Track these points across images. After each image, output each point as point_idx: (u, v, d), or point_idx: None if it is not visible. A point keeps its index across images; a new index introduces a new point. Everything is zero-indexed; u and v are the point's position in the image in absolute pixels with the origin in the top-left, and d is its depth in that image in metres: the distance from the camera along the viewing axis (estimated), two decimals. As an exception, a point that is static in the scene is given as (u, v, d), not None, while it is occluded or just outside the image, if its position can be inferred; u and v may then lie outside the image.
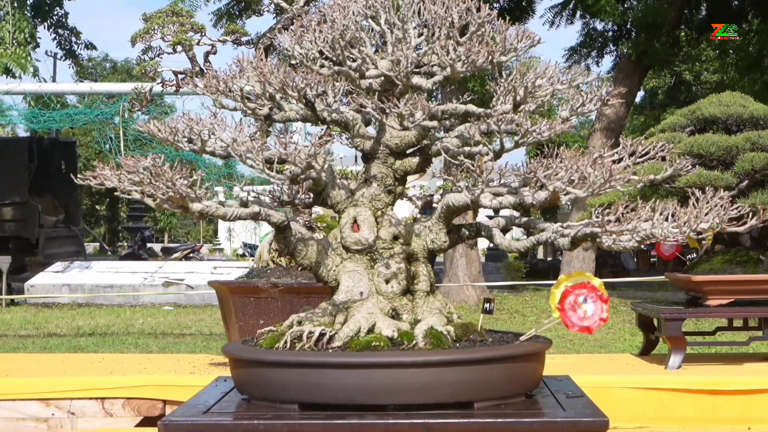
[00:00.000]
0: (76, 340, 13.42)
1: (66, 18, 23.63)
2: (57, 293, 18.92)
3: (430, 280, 4.07)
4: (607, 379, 6.10)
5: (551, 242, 3.88)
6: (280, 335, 3.93)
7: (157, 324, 15.48)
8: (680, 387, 6.04)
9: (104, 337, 13.84)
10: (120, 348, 12.48)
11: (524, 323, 15.75)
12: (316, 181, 3.91)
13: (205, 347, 12.32)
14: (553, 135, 3.61)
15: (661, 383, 6.07)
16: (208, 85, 3.81)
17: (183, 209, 3.78)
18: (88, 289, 19.06)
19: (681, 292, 6.99)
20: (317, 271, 4.05)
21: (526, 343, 3.90)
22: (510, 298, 19.25)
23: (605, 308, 3.89)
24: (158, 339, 13.58)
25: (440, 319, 3.94)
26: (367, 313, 3.89)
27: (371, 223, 4.00)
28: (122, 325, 15.33)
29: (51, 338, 13.67)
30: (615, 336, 13.30)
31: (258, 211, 3.86)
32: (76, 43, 23.90)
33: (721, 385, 5.98)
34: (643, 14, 19.44)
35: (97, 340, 13.42)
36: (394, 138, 3.98)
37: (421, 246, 4.05)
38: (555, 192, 3.55)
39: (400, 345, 3.79)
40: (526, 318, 16.60)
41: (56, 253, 22.89)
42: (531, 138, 3.64)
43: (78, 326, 15.14)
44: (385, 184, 4.04)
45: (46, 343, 13.02)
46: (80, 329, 14.77)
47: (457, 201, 3.87)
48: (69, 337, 13.72)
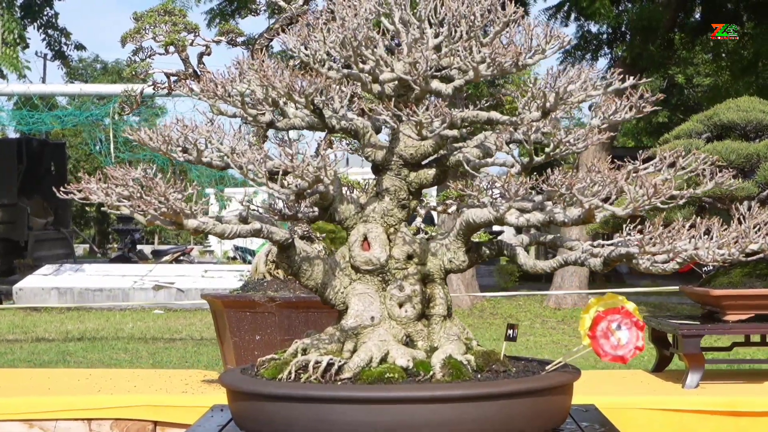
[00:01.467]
0: (65, 344, 13.09)
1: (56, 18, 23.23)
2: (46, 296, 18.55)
3: (447, 303, 3.68)
4: (624, 400, 5.72)
5: (581, 263, 3.50)
6: (283, 364, 3.54)
7: (147, 328, 15.19)
8: (701, 408, 5.67)
9: (93, 341, 13.50)
10: (109, 353, 12.15)
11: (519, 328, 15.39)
12: (324, 196, 3.51)
13: (195, 353, 12.01)
14: (590, 146, 3.22)
15: (681, 404, 5.71)
16: (205, 89, 3.40)
17: (177, 226, 3.38)
18: (78, 293, 18.70)
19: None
20: (324, 293, 3.65)
21: (553, 375, 3.51)
22: (503, 302, 18.91)
23: (641, 336, 3.50)
24: (148, 344, 13.27)
25: (459, 347, 3.55)
26: (379, 341, 3.50)
27: (383, 241, 3.61)
28: (111, 329, 15.03)
29: (39, 343, 13.33)
30: None
31: (259, 228, 3.46)
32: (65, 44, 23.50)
33: (744, 406, 5.62)
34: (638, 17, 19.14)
35: (86, 345, 13.09)
36: (409, 148, 3.59)
37: (437, 266, 3.66)
38: (590, 209, 3.16)
39: (416, 376, 3.41)
40: (520, 323, 16.27)
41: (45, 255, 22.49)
42: (564, 150, 3.25)
43: (67, 330, 14.84)
44: (398, 198, 3.64)
45: (34, 348, 12.67)
46: (69, 333, 14.46)
47: (479, 218, 3.48)
48: (57, 342, 13.40)
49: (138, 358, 11.79)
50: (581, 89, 3.31)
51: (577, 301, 18.38)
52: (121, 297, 18.47)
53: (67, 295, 18.68)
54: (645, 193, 3.05)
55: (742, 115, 6.36)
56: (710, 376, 6.15)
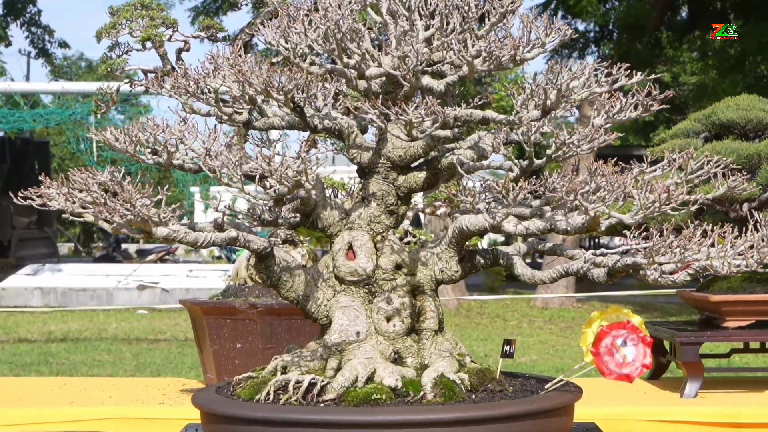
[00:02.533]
0: (47, 346, 12.87)
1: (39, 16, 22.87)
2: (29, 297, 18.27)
3: (438, 316, 3.38)
4: (620, 410, 5.43)
5: (583, 273, 3.21)
6: (261, 383, 3.24)
7: (131, 329, 14.97)
8: (700, 419, 5.38)
9: (76, 342, 13.30)
10: (92, 354, 11.92)
11: (505, 328, 15.23)
12: (305, 201, 3.21)
13: (180, 354, 11.75)
14: (595, 147, 2.93)
15: (679, 415, 5.41)
16: (177, 85, 3.09)
17: (145, 234, 3.08)
18: (61, 293, 18.43)
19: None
20: (305, 306, 3.35)
21: (554, 394, 3.22)
22: (490, 302, 18.66)
23: (648, 352, 3.22)
24: (132, 345, 13.07)
25: (451, 364, 3.26)
26: (365, 358, 3.21)
27: (369, 250, 3.31)
28: (95, 330, 14.81)
29: (21, 344, 13.11)
30: None
31: (236, 236, 3.16)
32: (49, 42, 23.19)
33: (746, 417, 5.33)
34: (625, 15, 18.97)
35: (68, 346, 12.87)
36: (397, 149, 3.29)
37: (428, 277, 3.37)
38: (595, 217, 2.87)
39: (405, 397, 3.13)
40: (507, 323, 16.08)
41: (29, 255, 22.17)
42: (567, 152, 2.96)
43: (50, 331, 14.63)
44: (385, 203, 3.35)
45: (16, 349, 12.44)
46: (52, 334, 14.25)
47: (474, 225, 3.19)
48: (40, 343, 13.20)
49: (121, 360, 11.59)
50: (584, 86, 3.02)
51: (564, 301, 18.13)
52: (105, 297, 18.21)
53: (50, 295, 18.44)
54: (656, 198, 2.75)
55: (742, 114, 6.07)
56: (709, 385, 5.86)
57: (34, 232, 23.33)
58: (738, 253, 2.97)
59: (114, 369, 10.75)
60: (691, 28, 20.53)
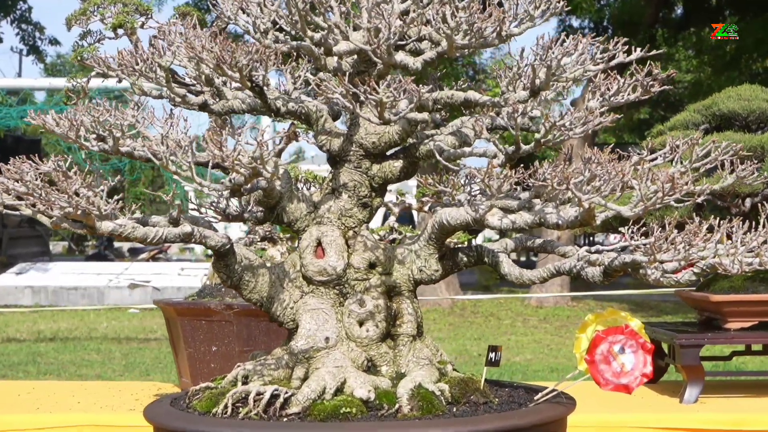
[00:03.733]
0: (36, 345, 12.53)
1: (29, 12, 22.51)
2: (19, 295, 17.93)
3: (417, 320, 3.03)
4: (617, 417, 5.08)
5: (576, 272, 2.86)
6: (220, 395, 2.89)
7: (122, 328, 14.65)
8: (701, 426, 5.03)
9: (65, 342, 12.96)
10: (81, 354, 11.59)
11: (499, 327, 14.89)
12: (268, 193, 2.85)
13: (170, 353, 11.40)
14: (589, 130, 2.58)
15: (680, 422, 5.07)
16: (123, 63, 2.74)
17: (88, 229, 2.72)
18: (52, 291, 18.08)
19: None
20: (270, 309, 3.01)
21: (544, 407, 2.87)
22: (484, 300, 18.31)
23: (648, 360, 2.87)
24: (122, 344, 12.75)
25: (431, 374, 2.91)
26: (334, 367, 2.86)
27: (340, 247, 2.97)
28: (85, 329, 14.48)
29: (9, 344, 12.74)
30: None
31: (190, 231, 2.80)
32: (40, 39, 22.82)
33: (749, 424, 4.98)
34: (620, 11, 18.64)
35: (57, 345, 12.55)
36: (371, 135, 2.94)
37: (405, 276, 3.01)
38: (590, 209, 2.52)
39: (379, 410, 2.78)
40: (501, 321, 15.73)
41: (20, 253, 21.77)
42: (558, 135, 2.60)
43: (39, 330, 14.31)
44: (358, 195, 3.00)
45: (4, 348, 12.10)
46: (41, 333, 13.92)
47: (455, 219, 2.83)
48: (29, 343, 12.88)
49: (110, 360, 11.25)
50: (577, 63, 2.66)
51: (559, 300, 17.78)
52: (96, 296, 17.88)
53: (40, 294, 18.10)
54: (659, 188, 2.40)
55: (744, 105, 5.72)
56: (709, 389, 5.51)
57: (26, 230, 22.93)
58: (748, 249, 2.63)
59: (103, 369, 10.46)
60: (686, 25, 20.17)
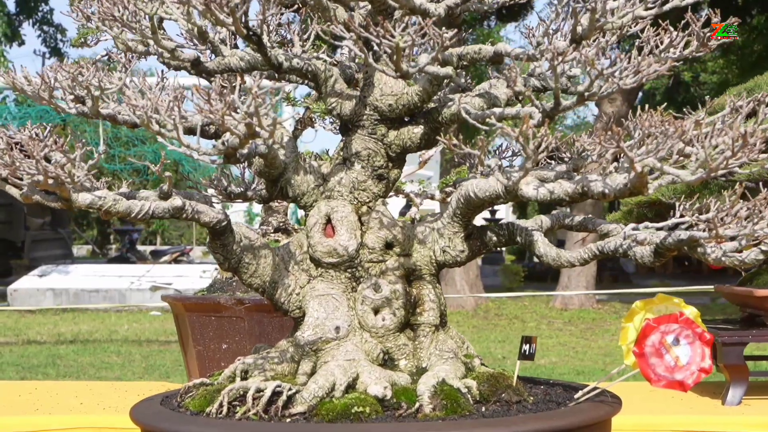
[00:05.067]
0: (56, 347, 12.23)
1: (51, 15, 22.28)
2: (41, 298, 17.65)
3: (439, 307, 2.63)
4: (656, 420, 4.68)
5: (623, 252, 2.45)
6: (215, 392, 2.50)
7: (143, 330, 14.39)
8: (745, 429, 4.65)
9: (85, 344, 12.66)
10: (101, 356, 11.30)
11: (524, 329, 14.48)
12: (269, 160, 2.46)
13: (188, 356, 11.13)
14: (645, 80, 2.18)
15: (724, 425, 4.68)
16: (103, 11, 2.36)
17: (63, 202, 2.34)
18: (73, 294, 17.79)
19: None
20: (273, 296, 2.62)
21: (587, 407, 2.46)
22: (508, 302, 17.90)
23: (707, 353, 2.46)
24: (142, 347, 12.44)
25: (456, 368, 2.51)
26: (345, 360, 2.47)
27: (352, 224, 2.58)
28: (106, 331, 14.24)
29: (30, 346, 12.47)
30: (619, 343, 12.14)
31: (182, 205, 2.42)
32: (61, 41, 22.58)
33: (796, 428, 4.58)
34: (645, 10, 18.09)
35: (77, 347, 12.25)
36: (387, 97, 2.55)
37: (426, 258, 2.62)
38: (643, 174, 2.11)
39: (396, 410, 2.37)
40: (526, 324, 15.31)
41: (43, 256, 21.49)
42: (605, 86, 2.20)
43: (60, 333, 14.07)
44: (372, 165, 2.61)
45: (24, 351, 11.82)
46: (61, 336, 13.67)
47: (483, 191, 2.44)
48: (49, 345, 12.58)
49: (130, 362, 10.97)
50: (627, 6, 2.26)
51: (584, 301, 17.33)
52: (118, 298, 17.58)
53: (62, 296, 17.82)
54: (728, 147, 1.99)
55: (788, 87, 5.30)
56: (754, 390, 5.10)
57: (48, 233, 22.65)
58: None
59: (122, 371, 10.24)
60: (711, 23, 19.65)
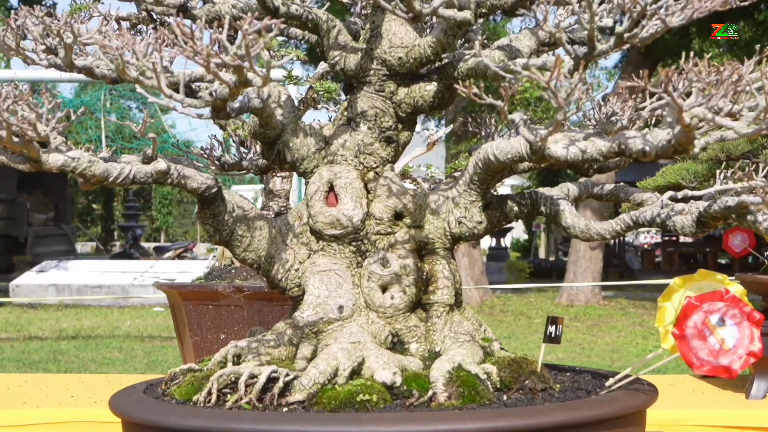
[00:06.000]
0: (58, 343, 12.08)
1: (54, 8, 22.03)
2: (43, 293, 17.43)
3: (454, 285, 2.34)
4: (677, 414, 4.37)
5: (661, 223, 2.16)
6: (204, 378, 2.21)
7: (145, 326, 14.22)
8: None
9: (87, 340, 12.47)
10: (103, 352, 11.16)
11: (530, 325, 14.21)
12: (264, 118, 2.17)
13: (194, 351, 10.94)
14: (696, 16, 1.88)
15: (748, 419, 4.38)
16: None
17: (32, 164, 2.06)
18: (76, 290, 17.58)
19: None
20: (269, 272, 2.33)
21: (621, 395, 2.17)
22: (514, 299, 17.64)
23: (756, 335, 2.16)
24: (144, 342, 12.24)
25: (473, 352, 2.22)
26: (349, 343, 2.17)
27: (357, 192, 2.29)
28: (108, 327, 14.06)
29: (31, 341, 12.28)
30: (626, 339, 12.11)
31: (166, 169, 2.13)
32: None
33: (827, 424, 4.29)
34: (653, 4, 17.82)
35: (79, 343, 12.08)
36: (396, 49, 2.26)
37: (440, 230, 2.33)
38: (690, 128, 1.81)
39: (407, 398, 2.08)
40: (532, 320, 15.04)
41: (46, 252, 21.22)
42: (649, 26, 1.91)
43: (62, 328, 13.88)
44: (380, 126, 2.32)
45: (26, 347, 11.65)
46: (63, 332, 13.47)
47: (505, 152, 2.15)
48: (50, 341, 12.38)
49: (132, 358, 10.83)
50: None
51: (590, 297, 17.06)
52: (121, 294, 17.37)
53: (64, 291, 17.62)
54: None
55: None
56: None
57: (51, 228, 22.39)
58: None
59: (124, 367, 10.06)
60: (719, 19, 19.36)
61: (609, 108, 2.45)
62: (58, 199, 22.85)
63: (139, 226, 26.23)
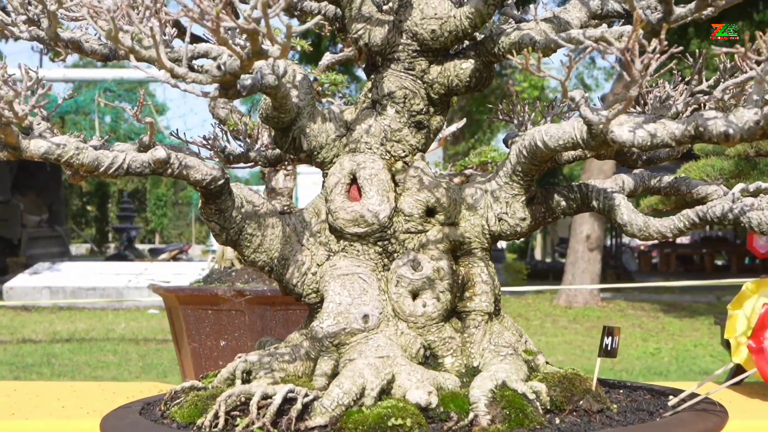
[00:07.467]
0: (51, 346, 11.90)
1: (47, 9, 21.72)
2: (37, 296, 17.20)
3: (494, 291, 2.03)
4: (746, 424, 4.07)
5: (731, 219, 1.87)
6: (209, 398, 1.90)
7: (140, 329, 14.05)
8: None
9: (81, 343, 12.26)
10: (97, 355, 10.99)
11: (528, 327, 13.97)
12: (279, 99, 1.87)
13: (185, 355, 10.71)
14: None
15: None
16: None
17: (10, 151, 1.75)
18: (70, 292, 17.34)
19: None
20: (283, 275, 2.02)
21: (689, 418, 1.87)
22: (512, 300, 17.40)
23: (844, 348, 1.87)
24: (139, 345, 12.03)
25: (517, 368, 1.92)
26: (376, 358, 1.87)
27: (384, 184, 1.98)
28: (102, 330, 13.89)
29: (25, 344, 12.06)
30: (626, 341, 11.99)
31: (165, 158, 1.83)
32: (60, 34, 22.07)
33: None
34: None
35: (73, 346, 11.91)
36: (429, 21, 1.96)
37: (477, 228, 2.03)
38: (784, 106, 1.51)
39: (444, 421, 1.78)
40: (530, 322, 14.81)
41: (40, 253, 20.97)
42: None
43: (55, 331, 13.72)
44: (409, 110, 2.01)
45: (19, 350, 11.46)
46: (57, 334, 13.27)
47: (555, 138, 1.84)
48: (44, 344, 12.17)
49: (127, 361, 10.61)
50: None
51: (589, 299, 16.82)
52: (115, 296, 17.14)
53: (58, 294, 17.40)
54: None
55: None
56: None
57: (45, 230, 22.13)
58: None
59: (119, 371, 9.87)
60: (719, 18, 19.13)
61: (662, 92, 2.16)
62: (52, 200, 22.59)
63: (134, 227, 25.94)
